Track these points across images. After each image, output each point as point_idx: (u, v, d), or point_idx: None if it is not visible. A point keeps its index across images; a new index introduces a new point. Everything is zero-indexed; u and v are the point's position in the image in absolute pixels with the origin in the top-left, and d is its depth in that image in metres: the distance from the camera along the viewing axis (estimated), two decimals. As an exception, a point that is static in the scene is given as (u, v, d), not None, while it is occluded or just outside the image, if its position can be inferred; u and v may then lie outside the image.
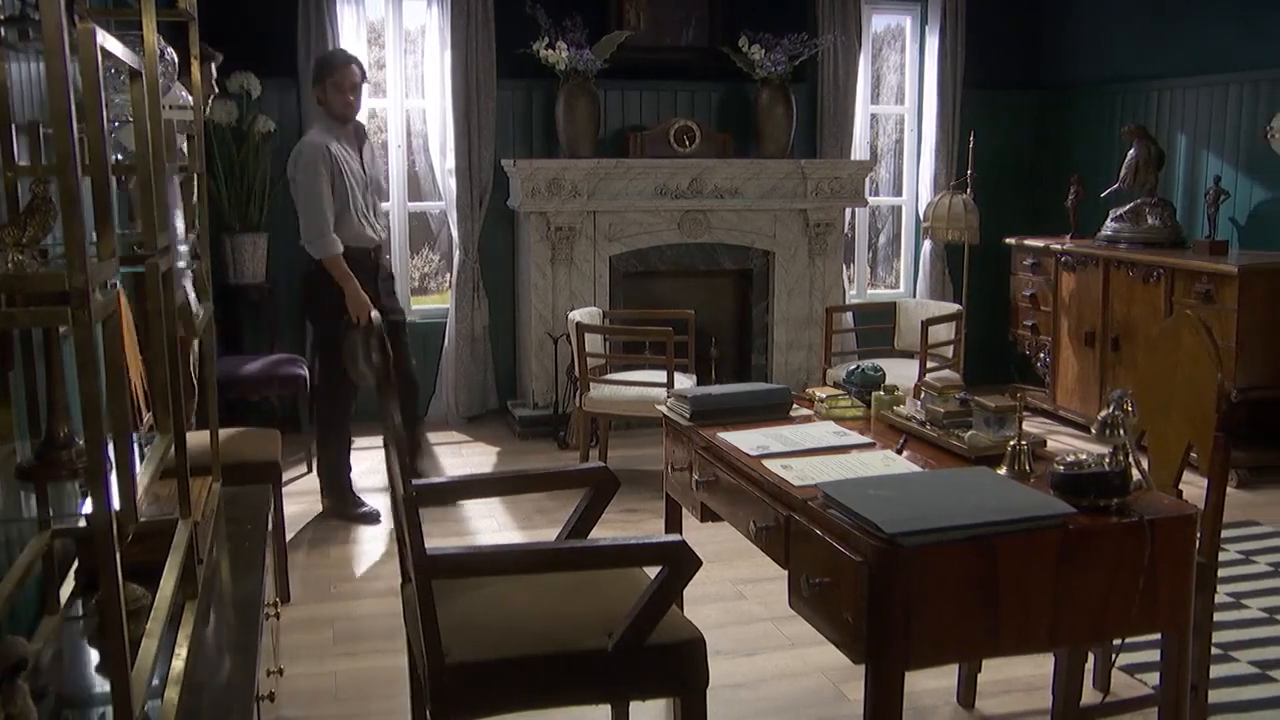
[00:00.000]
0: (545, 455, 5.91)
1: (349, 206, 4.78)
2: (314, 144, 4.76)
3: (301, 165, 4.74)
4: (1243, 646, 3.65)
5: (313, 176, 4.70)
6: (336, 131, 4.82)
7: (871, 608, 2.11)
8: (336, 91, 4.78)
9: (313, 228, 4.74)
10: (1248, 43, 5.88)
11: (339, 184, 4.75)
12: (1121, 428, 2.40)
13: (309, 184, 4.72)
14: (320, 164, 4.70)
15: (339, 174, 4.75)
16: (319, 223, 4.72)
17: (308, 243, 4.79)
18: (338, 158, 4.75)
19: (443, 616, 2.38)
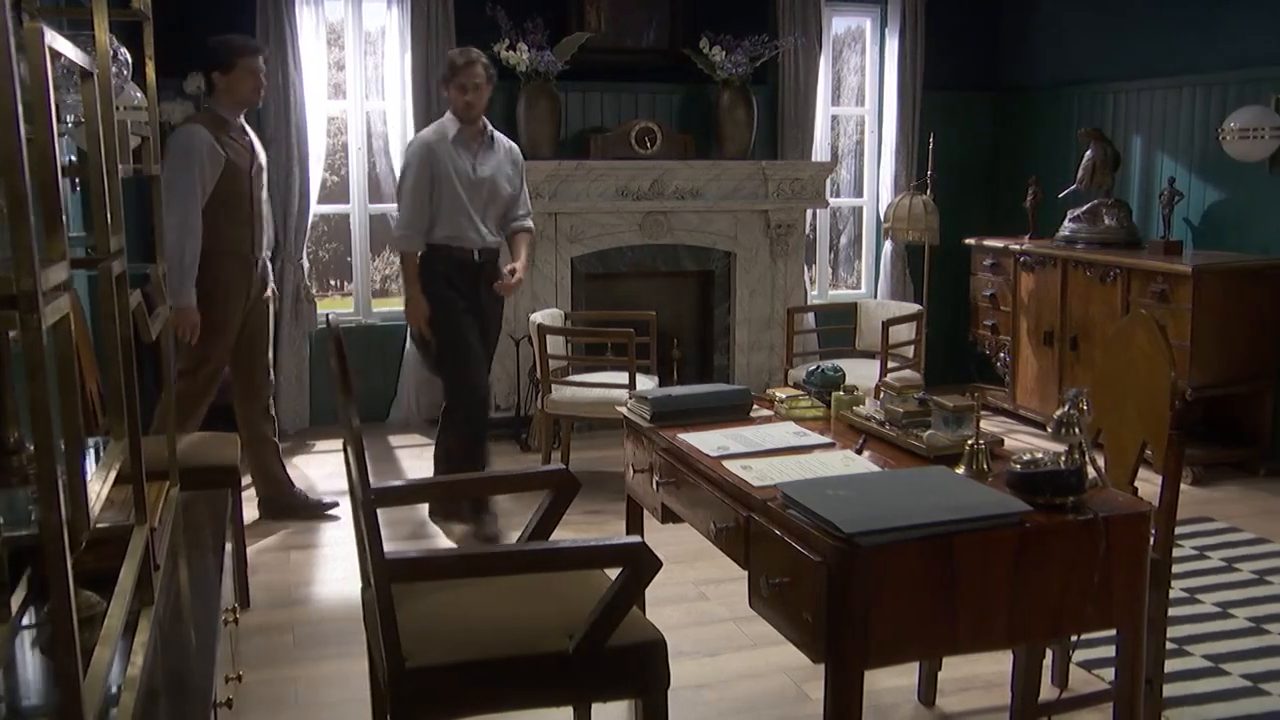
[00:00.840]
0: (507, 458, 5.89)
1: (449, 207, 4.63)
2: (423, 142, 4.69)
3: (406, 160, 4.75)
4: (1197, 641, 3.69)
5: (406, 171, 4.69)
6: (455, 131, 4.68)
7: (830, 607, 2.12)
8: (458, 92, 4.65)
9: (398, 222, 4.74)
10: (1200, 47, 5.97)
11: (442, 184, 4.62)
12: (1077, 426, 2.43)
13: (401, 178, 4.74)
14: (419, 160, 4.62)
15: (442, 173, 4.62)
16: (402, 217, 4.68)
17: (394, 237, 4.83)
18: (443, 157, 4.63)
19: (403, 620, 2.37)
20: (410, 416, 6.52)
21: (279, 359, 6.24)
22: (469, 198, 4.67)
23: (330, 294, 8.87)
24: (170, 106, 5.74)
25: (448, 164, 4.64)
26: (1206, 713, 3.22)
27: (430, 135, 4.71)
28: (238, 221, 4.59)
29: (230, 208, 4.55)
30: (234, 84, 4.57)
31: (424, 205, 4.62)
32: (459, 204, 4.65)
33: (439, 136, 4.68)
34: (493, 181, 4.76)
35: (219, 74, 4.58)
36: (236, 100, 4.61)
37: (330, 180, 7.07)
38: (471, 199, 4.68)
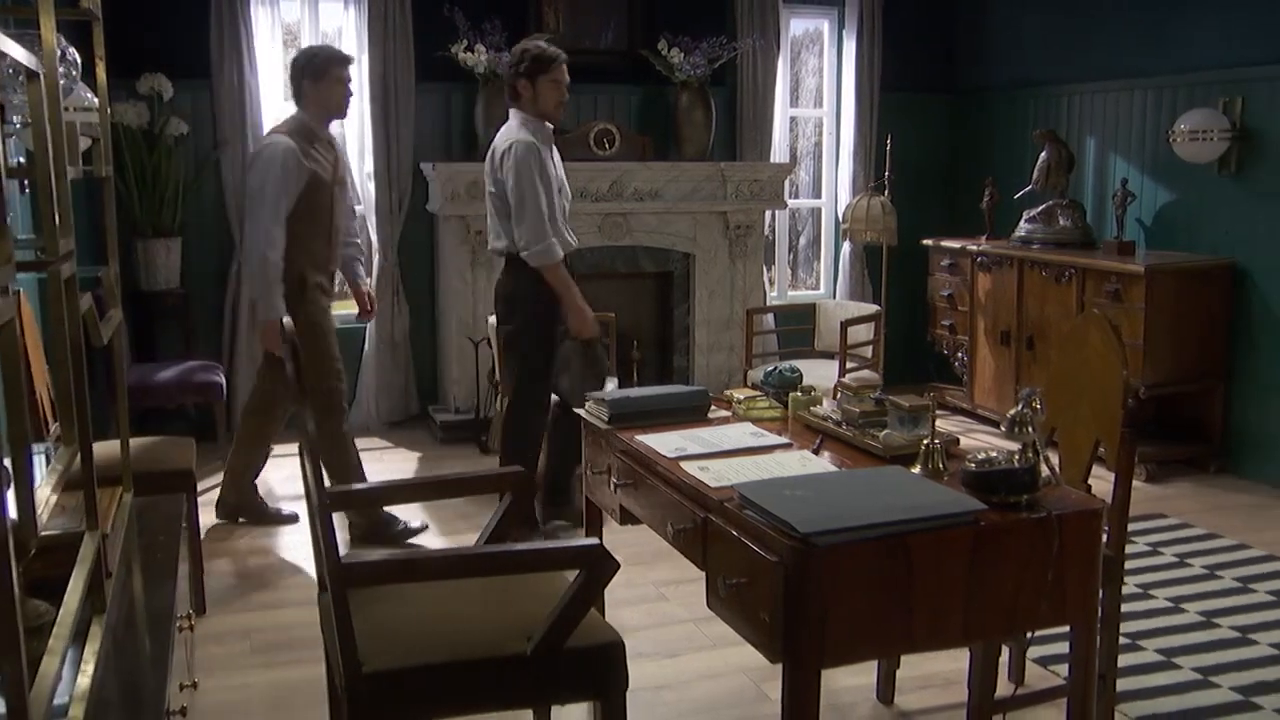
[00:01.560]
0: (467, 460, 5.87)
1: (554, 212, 4.47)
2: (527, 143, 4.37)
3: (514, 167, 4.36)
4: (1150, 635, 3.74)
5: (521, 177, 4.35)
6: (537, 129, 4.47)
7: (787, 607, 2.13)
8: (554, 88, 4.43)
9: (534, 233, 4.36)
10: (1151, 51, 6.04)
11: (547, 187, 4.44)
12: (1030, 425, 2.45)
13: (519, 186, 4.35)
14: (536, 163, 4.36)
15: (547, 178, 4.43)
16: (540, 227, 4.36)
17: (526, 250, 4.39)
18: (545, 160, 4.44)
19: (359, 624, 2.35)
20: (370, 420, 6.48)
21: (235, 363, 6.19)
22: (559, 202, 4.53)
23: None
24: (123, 108, 5.68)
25: (548, 167, 4.45)
26: (1159, 706, 3.26)
27: (527, 136, 4.41)
28: (316, 234, 4.50)
29: (310, 221, 4.45)
30: (325, 93, 4.47)
31: (549, 211, 4.39)
32: (557, 209, 4.49)
33: (535, 138, 4.42)
34: (564, 183, 4.64)
35: (309, 82, 4.46)
36: (326, 109, 4.51)
37: (287, 182, 7.00)
38: (561, 204, 4.55)
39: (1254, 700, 3.30)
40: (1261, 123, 5.41)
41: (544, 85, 4.42)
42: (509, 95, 4.53)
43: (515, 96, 4.49)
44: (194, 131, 6.05)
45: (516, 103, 4.49)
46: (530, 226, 4.36)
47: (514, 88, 4.48)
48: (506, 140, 4.44)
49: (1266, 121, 5.39)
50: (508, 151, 4.39)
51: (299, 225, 4.41)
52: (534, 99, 4.44)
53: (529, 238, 4.37)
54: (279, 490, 5.37)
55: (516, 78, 4.46)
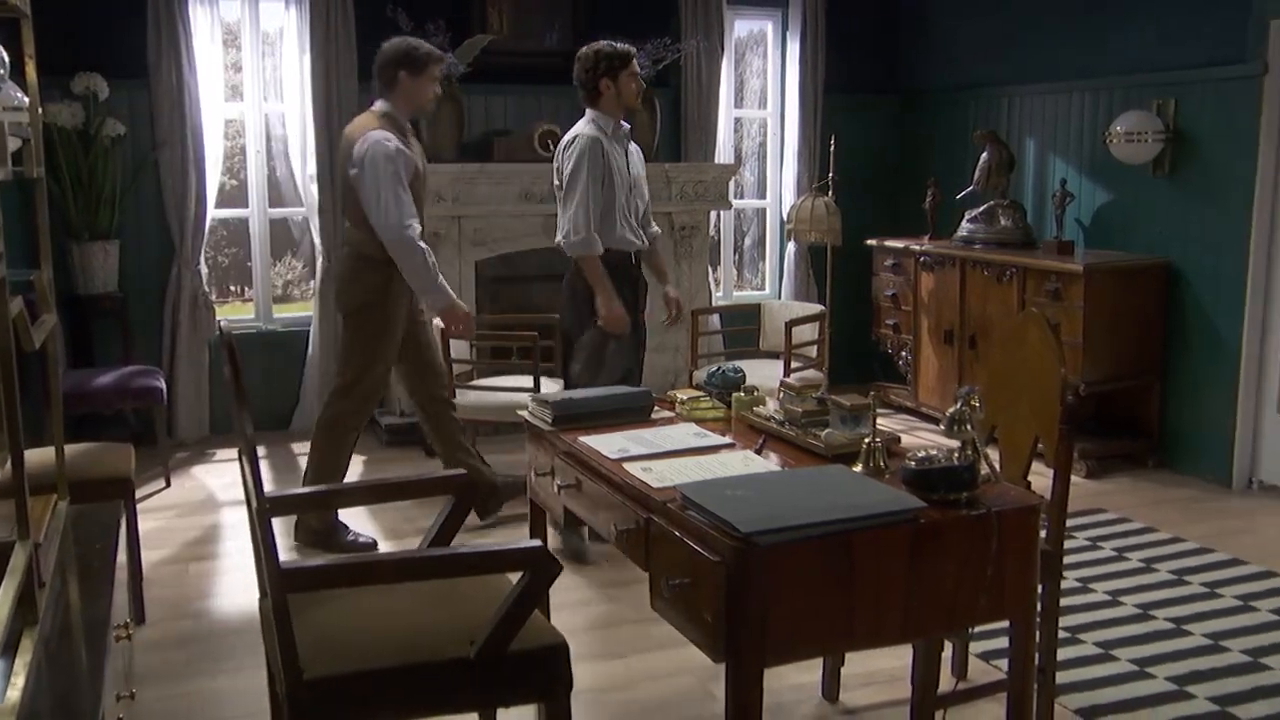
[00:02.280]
0: (412, 463, 5.84)
1: (613, 207, 4.48)
2: (590, 136, 4.43)
3: (571, 157, 4.44)
4: (1089, 629, 3.80)
5: (576, 169, 4.40)
6: (609, 127, 4.50)
7: (729, 607, 2.14)
8: (633, 80, 4.49)
9: (573, 223, 4.42)
10: (1088, 54, 6.14)
11: (608, 182, 4.44)
12: (969, 423, 2.48)
13: (572, 177, 4.42)
14: (592, 157, 4.39)
15: (609, 171, 4.44)
16: (580, 219, 4.40)
17: (565, 241, 4.48)
18: (609, 154, 4.46)
19: (301, 630, 2.33)
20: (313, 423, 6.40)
21: (175, 367, 6.11)
22: (625, 199, 4.53)
23: (231, 300, 8.70)
24: (57, 108, 5.58)
25: (612, 162, 4.47)
26: (1097, 697, 3.31)
27: (593, 131, 4.46)
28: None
29: None
30: (419, 87, 4.46)
31: (598, 205, 4.41)
32: (620, 205, 4.51)
33: (600, 132, 4.47)
34: (636, 181, 4.64)
35: (407, 74, 4.43)
36: (415, 104, 4.51)
37: (229, 184, 6.92)
38: (627, 200, 4.55)
39: (1187, 690, 3.36)
40: (1192, 125, 5.51)
41: (624, 80, 4.49)
42: (585, 98, 4.55)
43: (594, 96, 4.51)
44: (131, 132, 5.96)
45: (595, 103, 4.52)
46: (570, 217, 4.42)
47: (594, 88, 4.50)
48: (571, 135, 4.52)
49: (1197, 124, 5.50)
50: (570, 145, 4.48)
51: None
52: (617, 95, 4.49)
53: (568, 228, 4.44)
54: (221, 496, 5.31)
55: (598, 78, 4.49)
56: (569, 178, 4.45)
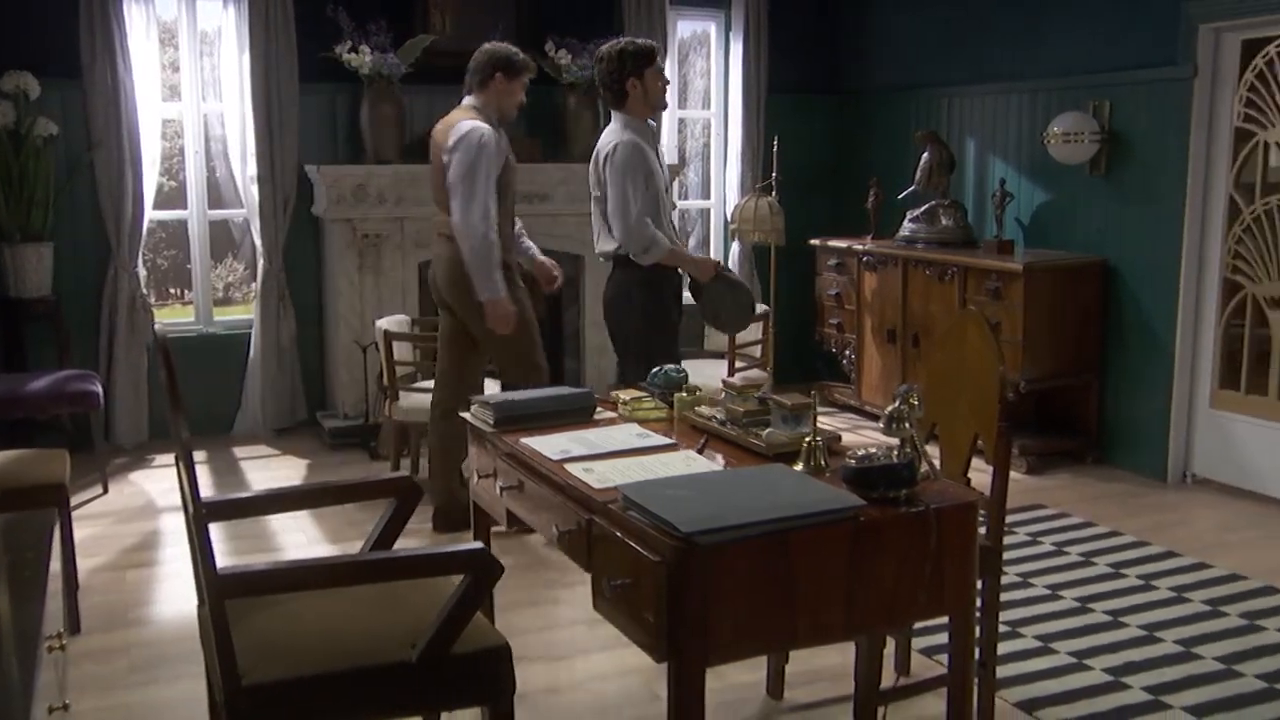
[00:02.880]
0: (356, 466, 5.79)
1: (658, 211, 4.40)
2: (633, 143, 4.31)
3: (616, 166, 4.32)
4: (1029, 622, 3.85)
5: (624, 175, 4.30)
6: (641, 129, 4.40)
7: (670, 607, 2.14)
8: (659, 78, 4.40)
9: (632, 236, 4.31)
10: (1026, 56, 6.22)
11: (651, 187, 4.35)
12: (907, 421, 2.51)
13: (620, 184, 4.31)
14: (639, 160, 4.30)
15: (650, 175, 4.35)
16: (638, 228, 4.30)
17: (638, 251, 4.34)
18: (651, 158, 4.37)
19: (240, 636, 2.30)
20: (256, 427, 6.35)
21: (113, 371, 6.01)
22: (663, 201, 4.46)
23: (170, 303, 8.58)
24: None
25: (652, 164, 4.37)
26: (1037, 690, 3.36)
27: (633, 135, 4.35)
28: (505, 217, 4.56)
29: (502, 204, 4.50)
30: (510, 91, 4.52)
31: (649, 208, 4.30)
32: (663, 210, 4.44)
33: (640, 135, 4.37)
34: (667, 183, 4.57)
35: (503, 76, 4.48)
36: (503, 107, 4.53)
37: (167, 185, 6.83)
38: (664, 202, 4.49)
39: (1124, 680, 3.42)
40: (1127, 126, 5.61)
41: (651, 77, 4.39)
42: (611, 100, 4.46)
43: (621, 97, 4.41)
44: (65, 132, 5.85)
45: (621, 104, 4.42)
46: (626, 230, 4.34)
47: (620, 89, 4.40)
48: (611, 141, 4.40)
49: (1131, 125, 5.59)
50: (611, 153, 4.36)
51: None
52: (644, 94, 4.39)
53: (628, 242, 4.36)
54: (160, 502, 5.23)
55: (624, 78, 4.38)
56: (613, 189, 4.32)
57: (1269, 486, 5.19)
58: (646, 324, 4.47)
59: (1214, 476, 5.44)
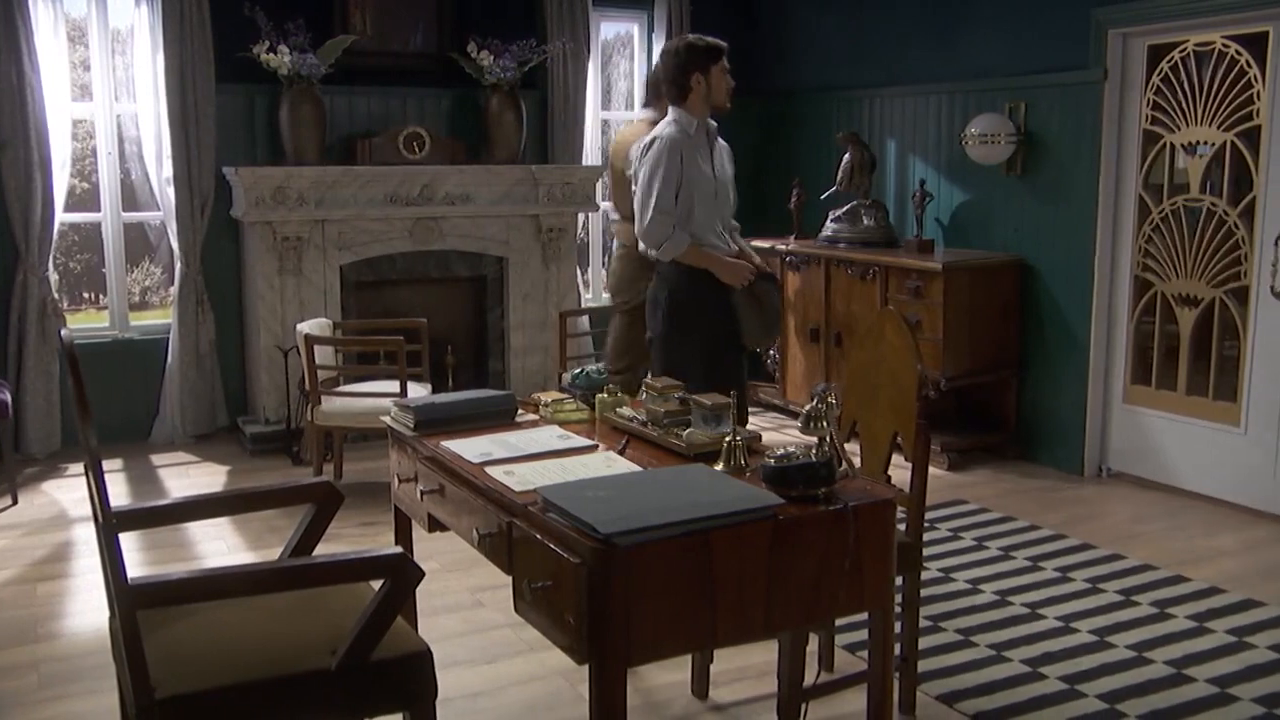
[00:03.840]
0: (279, 472, 5.70)
1: (701, 216, 4.18)
2: (671, 138, 4.13)
3: (646, 160, 4.16)
4: (950, 617, 3.91)
5: (653, 171, 4.11)
6: (692, 126, 4.19)
7: (591, 608, 2.14)
8: (721, 77, 4.20)
9: (650, 232, 4.13)
10: (943, 58, 6.32)
11: (694, 188, 4.15)
12: (824, 420, 2.53)
13: (647, 180, 4.13)
14: (670, 158, 4.10)
15: (693, 177, 4.16)
16: (656, 225, 4.11)
17: (651, 247, 4.17)
18: (693, 158, 4.17)
19: (153, 648, 2.26)
20: (175, 434, 6.23)
21: (23, 379, 5.86)
22: (709, 204, 4.24)
23: (85, 307, 8.37)
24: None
25: (696, 166, 4.18)
26: (957, 683, 3.41)
27: (674, 132, 4.16)
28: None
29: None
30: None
31: (672, 208, 4.12)
32: (709, 211, 4.22)
33: (683, 134, 4.17)
34: (724, 185, 4.34)
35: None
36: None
37: (79, 187, 6.68)
38: (713, 204, 4.25)
39: (1040, 671, 3.49)
40: (1042, 127, 5.72)
41: (716, 74, 4.23)
42: (673, 94, 4.27)
43: (683, 92, 4.22)
44: (-33, 133, 5.69)
45: (682, 99, 4.23)
46: (644, 226, 4.16)
47: (684, 83, 4.22)
48: (650, 136, 4.25)
49: (1046, 126, 5.70)
50: (647, 145, 4.21)
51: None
52: (708, 91, 4.22)
53: (641, 235, 4.19)
54: (72, 512, 5.10)
55: (689, 73, 4.21)
56: (642, 181, 4.18)
57: (1179, 479, 5.32)
58: (669, 328, 4.27)
59: (1128, 470, 5.57)
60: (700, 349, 4.18)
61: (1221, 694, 3.35)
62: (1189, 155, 5.26)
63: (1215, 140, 5.09)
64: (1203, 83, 5.12)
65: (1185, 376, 5.33)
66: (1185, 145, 5.24)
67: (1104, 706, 3.27)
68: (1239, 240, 5.04)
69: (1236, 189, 5.07)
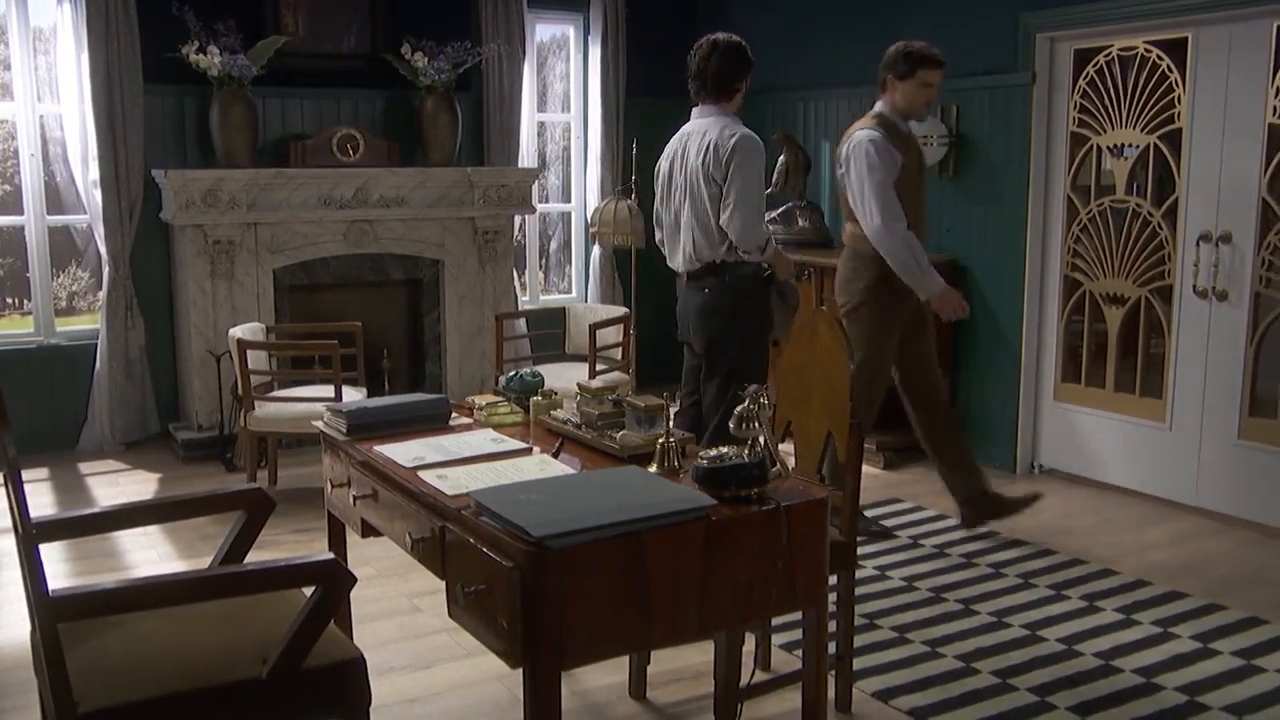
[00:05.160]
0: (212, 479, 5.62)
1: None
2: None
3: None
4: (885, 614, 3.95)
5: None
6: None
7: (525, 611, 2.13)
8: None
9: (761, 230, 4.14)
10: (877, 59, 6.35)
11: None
12: (756, 420, 2.54)
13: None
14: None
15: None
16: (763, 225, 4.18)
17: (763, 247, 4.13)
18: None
19: (77, 661, 2.22)
20: (103, 441, 6.11)
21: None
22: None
23: (8, 313, 8.18)
24: None
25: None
26: (892, 679, 3.44)
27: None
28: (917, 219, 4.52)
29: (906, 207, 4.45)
30: (907, 91, 4.52)
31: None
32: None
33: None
34: None
35: (894, 78, 4.53)
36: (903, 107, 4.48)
37: (1, 190, 6.53)
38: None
39: (974, 666, 3.53)
40: (974, 129, 5.80)
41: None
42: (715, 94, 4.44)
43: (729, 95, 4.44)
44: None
45: (728, 101, 4.40)
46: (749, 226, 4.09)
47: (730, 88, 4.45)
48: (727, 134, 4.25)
49: (977, 128, 5.78)
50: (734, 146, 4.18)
51: None
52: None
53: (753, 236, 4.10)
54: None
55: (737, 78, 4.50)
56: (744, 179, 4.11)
57: (1108, 474, 5.42)
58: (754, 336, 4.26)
59: (1059, 466, 5.66)
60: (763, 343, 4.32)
61: (1147, 684, 3.42)
62: (1115, 157, 5.36)
63: (1139, 142, 5.20)
64: (1127, 86, 5.22)
65: (1113, 374, 5.43)
66: (1111, 147, 5.35)
67: (1035, 699, 3.32)
68: (1163, 240, 5.15)
69: (1160, 190, 5.18)
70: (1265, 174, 4.72)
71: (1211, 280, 4.92)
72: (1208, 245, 4.92)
